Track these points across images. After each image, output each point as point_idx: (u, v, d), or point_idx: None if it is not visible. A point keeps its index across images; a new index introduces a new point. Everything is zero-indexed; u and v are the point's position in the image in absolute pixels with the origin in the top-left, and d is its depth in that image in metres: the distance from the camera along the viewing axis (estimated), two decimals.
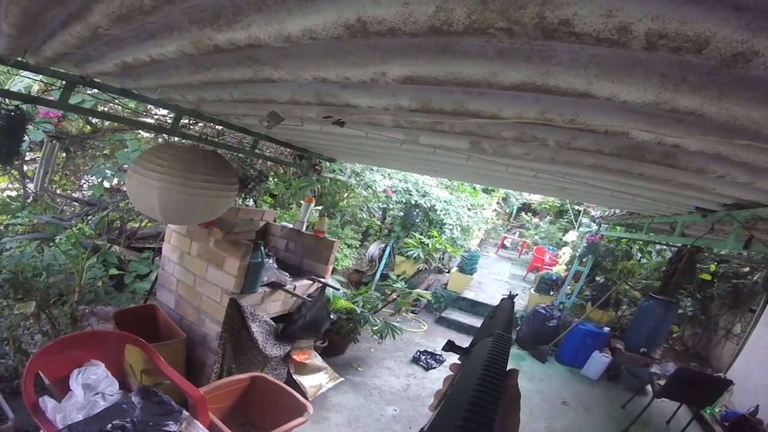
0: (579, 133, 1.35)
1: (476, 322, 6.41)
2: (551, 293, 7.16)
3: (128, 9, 1.05)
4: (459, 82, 0.98)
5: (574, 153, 1.54)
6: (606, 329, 5.80)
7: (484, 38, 0.84)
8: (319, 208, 4.82)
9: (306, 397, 3.14)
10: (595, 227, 6.38)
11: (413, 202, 6.52)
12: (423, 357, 5.03)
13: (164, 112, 3.90)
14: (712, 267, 6.40)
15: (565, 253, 7.93)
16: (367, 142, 2.19)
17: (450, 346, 0.69)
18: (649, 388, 4.73)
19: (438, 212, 6.69)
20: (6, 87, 3.31)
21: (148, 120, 3.73)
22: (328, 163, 4.45)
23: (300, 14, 0.89)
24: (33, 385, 2.23)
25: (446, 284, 7.57)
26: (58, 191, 4.61)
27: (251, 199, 4.35)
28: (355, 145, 2.65)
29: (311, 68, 1.15)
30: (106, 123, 4.13)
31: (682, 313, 6.13)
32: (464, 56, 0.92)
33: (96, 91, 2.35)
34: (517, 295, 1.01)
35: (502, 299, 0.78)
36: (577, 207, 9.61)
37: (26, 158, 4.39)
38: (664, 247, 6.63)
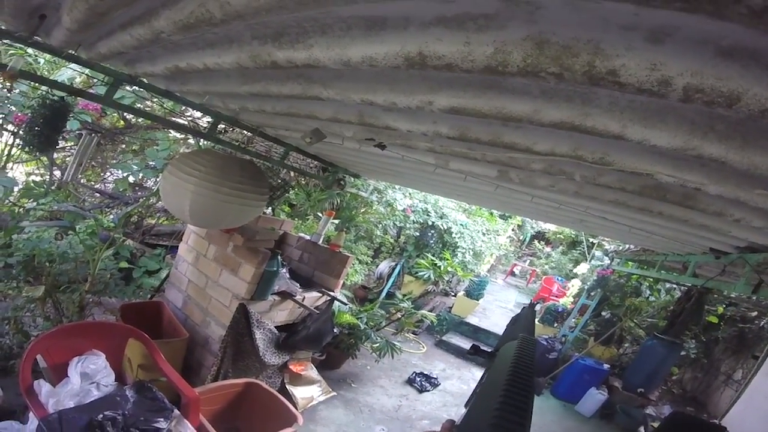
0: (605, 170, 1.40)
1: None
2: (555, 325, 7.09)
3: (196, 19, 1.09)
4: (501, 117, 1.04)
5: (598, 188, 1.60)
6: (606, 366, 5.73)
7: (532, 79, 0.91)
8: (336, 221, 4.87)
9: (296, 408, 3.12)
10: (607, 261, 6.36)
11: (430, 223, 6.54)
12: (418, 379, 5.00)
13: (198, 114, 3.99)
14: (720, 309, 6.33)
15: (574, 285, 7.88)
16: (398, 162, 2.23)
17: (475, 350, 0.73)
18: (642, 429, 4.65)
19: (453, 235, 6.70)
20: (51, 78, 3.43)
21: (181, 121, 3.82)
22: (352, 179, 4.50)
23: (363, 42, 0.95)
24: (30, 368, 2.21)
25: (451, 307, 7.53)
26: (82, 181, 4.71)
27: (270, 208, 4.40)
28: (384, 164, 2.69)
29: (361, 91, 1.21)
30: (140, 120, 4.23)
31: (685, 355, 6.04)
32: (510, 93, 0.99)
33: (136, 88, 2.41)
34: (537, 304, 1.04)
35: (523, 308, 0.83)
36: (591, 239, 9.60)
37: (57, 146, 4.48)
38: (674, 286, 6.56)
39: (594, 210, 1.87)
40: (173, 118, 3.43)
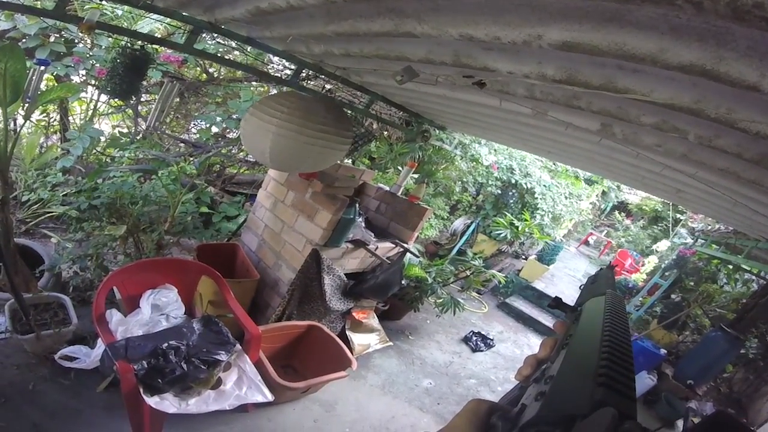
0: (725, 131, 1.22)
1: (538, 314, 6.26)
2: None
3: None
4: (620, 55, 0.91)
5: (710, 152, 1.40)
6: (663, 351, 5.36)
7: (663, 9, 0.78)
8: (416, 176, 4.82)
9: (352, 354, 3.23)
10: (690, 241, 5.88)
11: (513, 182, 6.33)
12: (474, 338, 5.02)
13: (279, 67, 4.01)
14: None
15: (650, 262, 7.41)
16: (489, 112, 2.08)
17: (557, 303, 0.68)
18: (680, 423, 4.37)
19: (535, 196, 6.44)
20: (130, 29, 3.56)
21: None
22: (437, 131, 4.35)
23: None
24: (105, 298, 2.33)
25: (519, 270, 7.41)
26: (167, 132, 4.99)
27: (350, 159, 4.41)
28: (475, 114, 2.51)
29: (460, 24, 1.10)
30: (222, 72, 4.34)
31: (744, 353, 5.50)
32: (634, 27, 0.86)
33: (218, 40, 2.38)
34: (616, 266, 0.97)
35: (601, 268, 0.77)
36: (678, 215, 8.98)
37: (142, 99, 4.77)
38: (752, 277, 6.00)
39: (700, 178, 1.66)
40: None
